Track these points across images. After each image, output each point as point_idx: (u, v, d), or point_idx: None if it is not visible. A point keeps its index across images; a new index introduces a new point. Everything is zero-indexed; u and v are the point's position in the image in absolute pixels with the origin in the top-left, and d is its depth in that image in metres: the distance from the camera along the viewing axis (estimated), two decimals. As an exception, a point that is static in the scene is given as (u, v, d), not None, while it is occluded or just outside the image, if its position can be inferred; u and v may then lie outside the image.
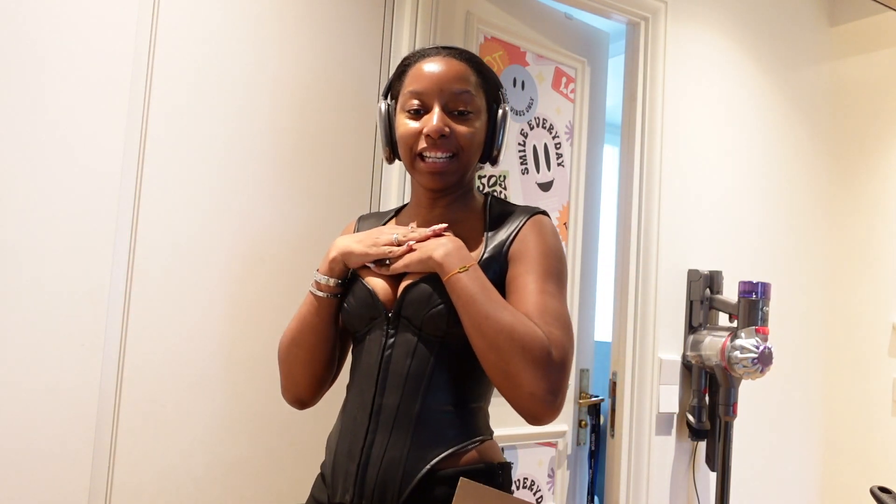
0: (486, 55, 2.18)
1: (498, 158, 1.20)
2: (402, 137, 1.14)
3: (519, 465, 2.22)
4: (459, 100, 1.13)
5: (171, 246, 1.63)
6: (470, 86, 1.14)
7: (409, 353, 1.09)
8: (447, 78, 1.13)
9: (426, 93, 1.12)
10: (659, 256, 2.40)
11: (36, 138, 1.48)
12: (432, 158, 1.11)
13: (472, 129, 1.13)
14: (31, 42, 1.48)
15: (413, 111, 1.13)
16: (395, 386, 1.08)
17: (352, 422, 1.11)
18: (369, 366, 1.11)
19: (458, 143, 1.12)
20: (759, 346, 2.18)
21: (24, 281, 1.46)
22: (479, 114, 1.15)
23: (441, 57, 1.15)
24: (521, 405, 1.00)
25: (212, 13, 1.69)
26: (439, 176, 1.12)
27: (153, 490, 1.59)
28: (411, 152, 1.13)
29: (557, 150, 2.36)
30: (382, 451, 1.06)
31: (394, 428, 1.06)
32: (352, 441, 1.09)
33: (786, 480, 2.77)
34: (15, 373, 1.45)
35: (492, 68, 1.21)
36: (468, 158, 1.14)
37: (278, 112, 1.77)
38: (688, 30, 2.54)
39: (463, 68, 1.15)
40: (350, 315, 1.16)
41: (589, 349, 2.44)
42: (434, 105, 1.12)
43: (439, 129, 1.10)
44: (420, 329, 1.09)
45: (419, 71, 1.14)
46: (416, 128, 1.12)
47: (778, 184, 2.79)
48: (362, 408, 1.10)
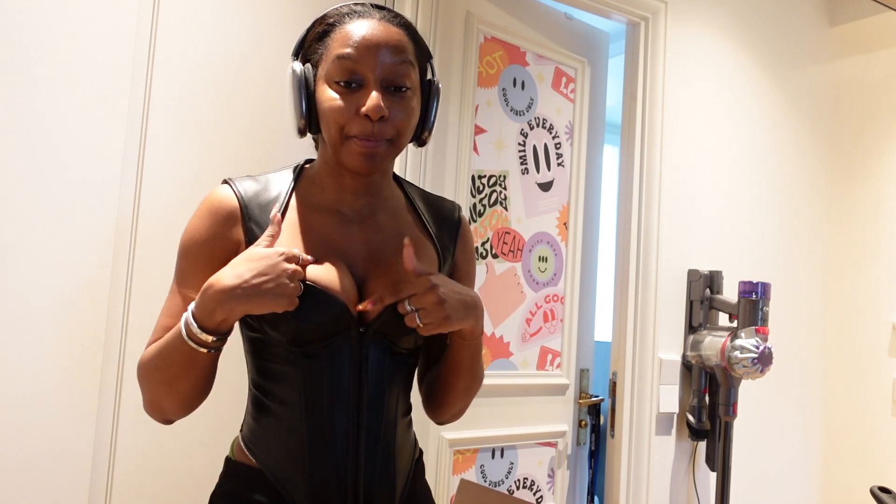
0: (485, 55, 2.18)
1: (427, 141, 1.07)
2: (329, 113, 0.97)
3: (519, 465, 2.22)
4: (398, 73, 0.97)
5: (171, 246, 1.62)
6: (409, 56, 0.99)
7: (383, 369, 1.02)
8: (386, 46, 0.97)
9: (360, 62, 0.96)
10: (659, 256, 2.40)
11: (36, 139, 1.48)
12: (368, 140, 0.96)
13: (409, 111, 0.99)
14: (31, 43, 1.48)
15: (343, 83, 0.96)
16: (375, 404, 1.01)
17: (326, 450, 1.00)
18: (339, 387, 0.99)
19: (395, 125, 0.98)
20: (759, 346, 2.18)
21: (25, 281, 1.46)
22: (416, 90, 1.01)
23: (376, 20, 0.99)
24: (443, 420, 1.16)
25: (211, 16, 1.69)
26: (372, 159, 0.97)
27: (153, 490, 1.59)
28: (341, 132, 0.97)
29: (557, 150, 2.36)
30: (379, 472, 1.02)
31: (383, 447, 1.02)
32: (338, 470, 0.99)
33: (786, 480, 2.77)
34: (15, 373, 1.45)
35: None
36: (402, 142, 1.01)
37: (278, 112, 1.77)
38: (688, 30, 2.54)
39: (401, 35, 0.99)
40: (303, 329, 0.97)
41: (589, 349, 2.44)
42: (370, 79, 0.96)
43: (379, 110, 0.94)
44: (393, 343, 1.02)
45: (349, 35, 0.97)
46: (347, 106, 0.96)
47: (778, 184, 2.79)
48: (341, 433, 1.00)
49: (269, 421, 1.03)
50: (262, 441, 1.03)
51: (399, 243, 1.04)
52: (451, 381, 1.09)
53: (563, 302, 2.35)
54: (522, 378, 2.22)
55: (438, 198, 1.17)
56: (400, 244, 1.04)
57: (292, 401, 1.01)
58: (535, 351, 2.27)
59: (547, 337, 2.31)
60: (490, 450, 2.14)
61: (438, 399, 1.12)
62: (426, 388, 1.15)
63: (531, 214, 2.28)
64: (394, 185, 1.12)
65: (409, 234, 1.07)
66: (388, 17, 1.00)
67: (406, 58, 0.98)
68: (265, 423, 1.03)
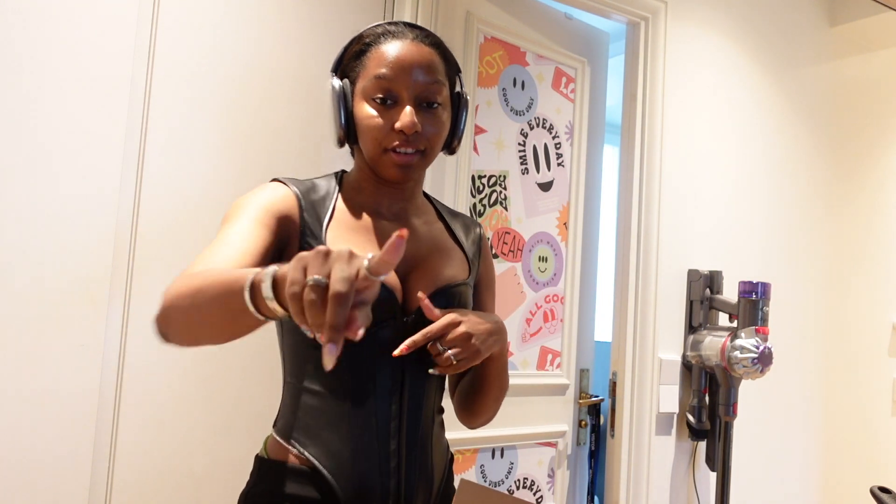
0: (485, 55, 2.18)
1: (457, 149, 1.17)
2: (368, 129, 1.06)
3: (519, 465, 2.22)
4: (430, 91, 1.06)
5: (172, 245, 1.63)
6: (439, 74, 1.08)
7: (420, 363, 1.07)
8: (418, 66, 1.05)
9: (395, 81, 1.04)
10: (659, 256, 2.40)
11: (36, 139, 1.48)
12: (402, 152, 1.05)
13: (440, 125, 1.08)
14: (31, 43, 1.48)
15: (379, 100, 1.05)
16: (415, 396, 1.08)
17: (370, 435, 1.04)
18: (383, 374, 1.05)
19: (427, 139, 1.06)
20: (759, 346, 2.18)
21: (24, 281, 1.46)
22: (446, 105, 1.10)
23: (409, 41, 1.07)
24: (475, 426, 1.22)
25: (211, 16, 1.69)
26: (407, 170, 1.06)
27: (153, 490, 1.59)
28: (379, 146, 1.06)
29: (557, 150, 2.36)
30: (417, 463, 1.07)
31: (421, 439, 1.09)
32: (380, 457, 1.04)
33: (786, 480, 2.77)
34: (15, 373, 1.45)
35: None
36: (434, 153, 1.10)
37: (279, 111, 1.77)
38: (688, 30, 2.54)
39: (432, 54, 1.08)
40: None
41: (589, 349, 2.44)
42: (405, 96, 1.05)
43: (413, 125, 1.03)
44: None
45: (385, 55, 1.05)
46: (384, 122, 1.04)
47: (778, 183, 2.79)
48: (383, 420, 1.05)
49: (313, 412, 1.05)
50: (307, 432, 1.05)
51: (433, 246, 1.15)
52: (481, 393, 1.17)
53: (563, 302, 2.35)
54: (522, 378, 2.22)
55: (461, 213, 1.27)
56: (434, 247, 1.15)
57: (336, 390, 1.04)
58: (535, 351, 2.27)
59: (547, 337, 2.31)
60: (490, 450, 2.14)
61: (471, 408, 1.19)
62: (458, 397, 1.22)
63: (531, 214, 2.28)
64: (423, 195, 1.22)
65: (441, 238, 1.17)
66: (420, 37, 1.08)
67: (437, 77, 1.06)
68: (309, 414, 1.05)
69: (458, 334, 1.01)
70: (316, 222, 1.06)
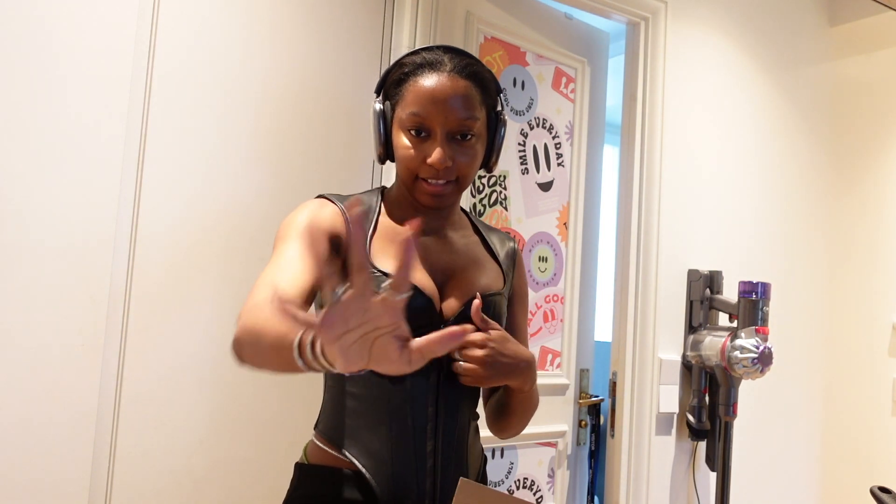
0: (485, 55, 2.18)
1: (494, 168, 1.21)
2: (403, 159, 1.11)
3: (519, 465, 2.22)
4: (463, 126, 1.09)
5: (171, 245, 1.63)
6: (474, 109, 1.10)
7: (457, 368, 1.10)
8: (452, 102, 1.08)
9: (429, 117, 1.08)
10: (659, 256, 2.40)
11: (36, 138, 1.48)
12: (434, 183, 1.10)
13: (472, 156, 1.12)
14: (31, 40, 1.48)
15: (414, 132, 1.10)
16: (451, 402, 1.11)
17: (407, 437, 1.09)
18: (420, 379, 1.09)
19: (460, 169, 1.11)
20: (759, 346, 2.18)
21: (25, 280, 1.46)
22: (481, 135, 1.13)
23: (446, 75, 1.09)
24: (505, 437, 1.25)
25: (212, 11, 1.69)
26: (439, 198, 1.12)
27: (153, 490, 1.59)
28: (412, 175, 1.11)
29: (557, 150, 2.36)
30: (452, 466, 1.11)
31: (455, 444, 1.12)
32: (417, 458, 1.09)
33: (786, 480, 2.77)
34: (15, 373, 1.45)
35: (491, 70, 1.18)
36: (468, 182, 1.15)
37: (279, 111, 1.77)
38: (688, 30, 2.54)
39: (468, 88, 1.10)
40: None
41: (589, 349, 2.44)
42: (438, 132, 1.08)
43: (443, 161, 1.07)
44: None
45: (422, 90, 1.08)
46: (417, 154, 1.09)
47: (778, 183, 2.79)
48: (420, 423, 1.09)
49: (354, 415, 1.10)
50: (348, 434, 1.10)
51: (469, 258, 1.19)
52: (505, 415, 1.22)
53: (563, 302, 2.35)
54: (522, 378, 2.21)
55: (495, 228, 1.32)
56: (470, 258, 1.19)
57: (377, 395, 1.09)
58: (535, 351, 2.27)
59: (547, 337, 2.31)
60: (490, 450, 2.14)
61: (497, 424, 1.25)
62: (487, 410, 1.27)
63: (531, 214, 2.28)
64: (461, 212, 1.27)
65: (477, 251, 1.21)
66: (457, 69, 1.09)
67: (471, 112, 1.09)
68: (350, 417, 1.10)
69: (478, 355, 1.06)
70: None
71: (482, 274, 1.18)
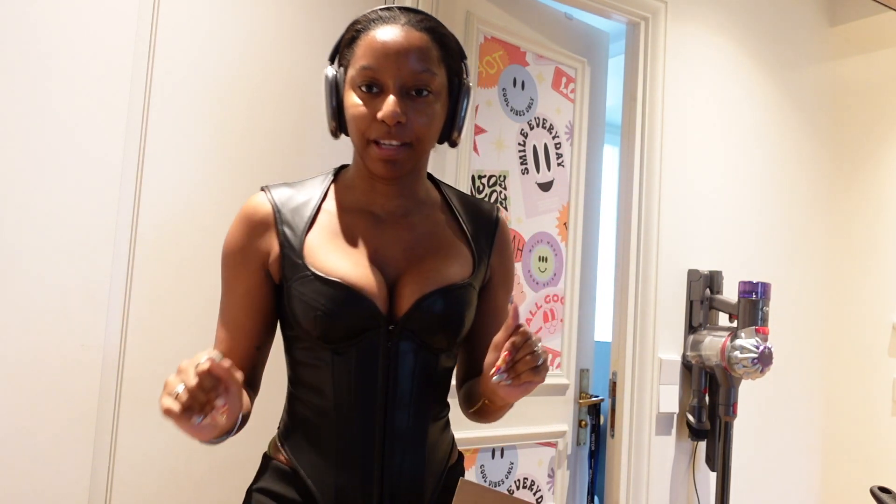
0: (485, 55, 2.18)
1: (458, 141, 1.08)
2: (352, 119, 1.00)
3: (519, 465, 2.22)
4: (419, 80, 0.98)
5: (172, 245, 1.63)
6: (431, 63, 1.00)
7: (414, 370, 1.02)
8: (406, 53, 0.98)
9: (381, 70, 0.97)
10: (659, 256, 2.40)
11: (36, 139, 1.48)
12: (386, 145, 0.98)
13: (430, 115, 1.00)
14: (31, 40, 1.48)
15: (365, 88, 0.99)
16: (403, 406, 1.02)
17: (354, 447, 1.02)
18: (367, 385, 1.01)
19: (414, 130, 0.99)
20: (759, 346, 2.18)
21: (24, 281, 1.46)
22: (440, 94, 1.02)
23: (400, 25, 0.99)
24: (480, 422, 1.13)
25: (211, 15, 1.69)
26: (392, 164, 0.99)
27: (153, 490, 1.59)
28: (363, 137, 0.99)
29: (557, 150, 2.36)
30: (403, 474, 1.02)
31: (408, 450, 1.03)
32: (363, 469, 1.01)
33: (786, 480, 2.77)
34: (15, 373, 1.45)
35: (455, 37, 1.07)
36: (424, 147, 1.02)
37: (279, 111, 1.77)
38: (688, 30, 2.54)
39: (424, 41, 0.99)
40: (329, 326, 0.99)
41: (589, 349, 2.44)
42: (389, 85, 0.98)
43: (394, 115, 0.96)
44: (424, 342, 1.03)
45: (373, 42, 0.98)
46: (368, 111, 0.98)
47: (778, 184, 2.79)
48: (366, 431, 1.01)
49: (302, 418, 1.06)
50: (295, 438, 1.06)
51: (432, 243, 1.07)
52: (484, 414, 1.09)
53: (563, 302, 2.35)
54: (522, 378, 2.21)
55: (477, 199, 1.17)
56: (433, 244, 1.07)
57: (323, 398, 1.03)
58: (535, 351, 2.27)
59: (547, 337, 2.31)
60: (490, 450, 2.14)
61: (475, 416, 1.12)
62: (463, 396, 1.16)
63: (531, 214, 2.28)
64: (429, 186, 1.13)
65: (443, 234, 1.08)
66: (412, 22, 1.00)
67: (428, 65, 0.99)
68: (298, 420, 1.07)
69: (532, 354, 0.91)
70: (294, 233, 1.03)
71: (445, 262, 1.05)
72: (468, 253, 1.09)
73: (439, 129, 1.04)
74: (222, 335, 1.09)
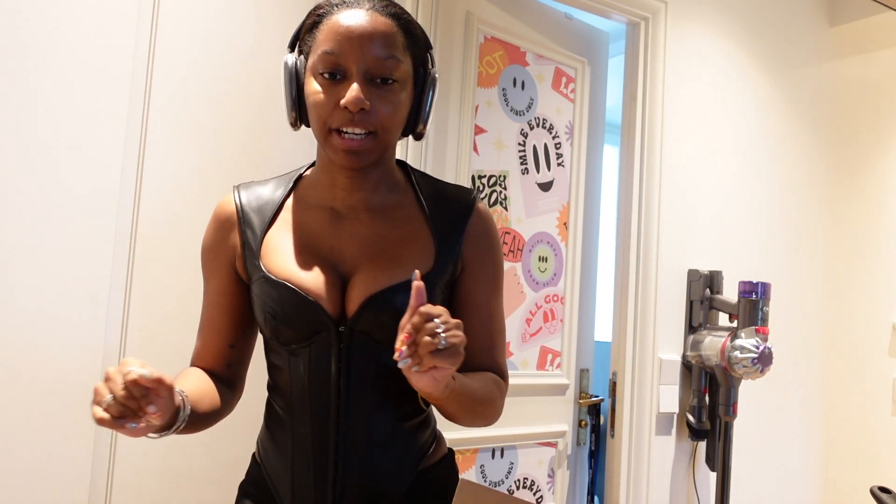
0: (486, 55, 2.18)
1: (423, 133, 1.03)
2: (313, 106, 0.95)
3: (519, 465, 2.22)
4: (383, 66, 0.94)
5: (172, 245, 1.63)
6: (396, 49, 0.95)
7: (368, 371, 0.98)
8: (370, 38, 0.93)
9: (343, 55, 0.93)
10: (659, 256, 2.40)
11: (36, 140, 1.48)
12: (349, 135, 0.93)
13: (395, 104, 0.95)
14: (31, 40, 1.48)
15: (327, 75, 0.94)
16: (359, 408, 0.98)
17: (307, 451, 0.99)
18: (320, 387, 0.98)
19: (378, 119, 0.94)
20: (759, 346, 2.18)
21: (24, 281, 1.46)
22: (405, 83, 0.97)
23: (364, 10, 0.95)
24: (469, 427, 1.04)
25: (211, 15, 1.69)
26: (355, 155, 0.94)
27: (153, 490, 1.59)
28: (324, 126, 0.95)
29: (557, 150, 2.36)
30: (358, 479, 0.98)
31: (366, 453, 0.99)
32: (317, 474, 0.99)
33: (786, 480, 2.77)
34: (15, 373, 1.45)
35: (420, 25, 1.03)
36: (389, 137, 0.97)
37: (280, 110, 1.77)
38: (688, 30, 2.54)
39: (389, 26, 0.95)
40: (279, 328, 0.98)
41: (589, 349, 2.44)
42: (353, 71, 0.93)
43: (358, 101, 0.91)
44: (380, 344, 0.97)
45: (336, 26, 0.94)
46: (330, 98, 0.93)
47: (778, 184, 2.79)
48: (321, 435, 0.98)
49: (269, 418, 1.07)
50: (264, 437, 1.07)
51: (392, 238, 1.01)
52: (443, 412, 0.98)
53: (563, 302, 2.35)
54: (522, 378, 2.22)
55: (455, 187, 1.09)
56: (392, 239, 1.01)
57: (283, 399, 1.03)
58: (535, 351, 2.27)
59: (547, 337, 2.31)
60: (490, 450, 2.14)
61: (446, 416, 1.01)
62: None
63: (531, 214, 2.28)
64: (398, 178, 1.07)
65: (404, 227, 1.02)
66: (377, 7, 0.96)
67: (392, 51, 0.95)
68: (268, 419, 1.07)
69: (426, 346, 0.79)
70: (254, 233, 1.02)
71: (399, 258, 0.99)
72: (430, 246, 1.01)
73: (404, 119, 0.99)
74: (200, 332, 1.11)
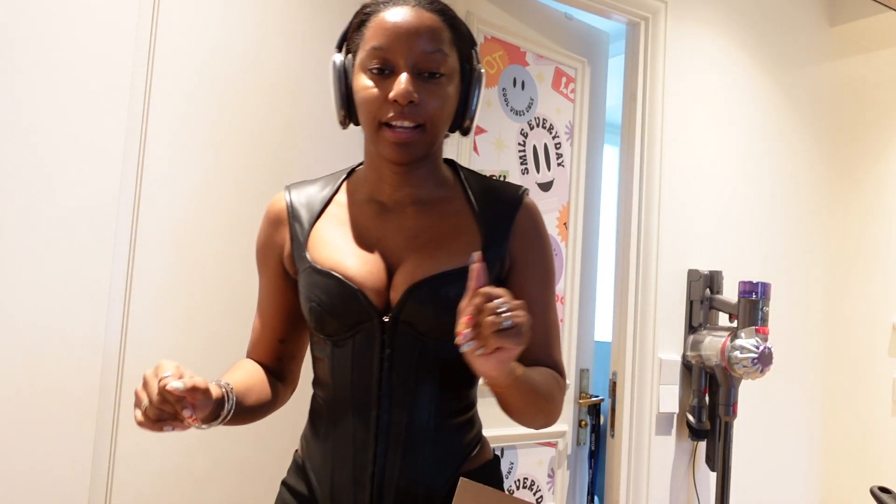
0: (486, 55, 2.18)
1: (471, 129, 1.05)
2: (363, 102, 0.97)
3: (519, 465, 2.22)
4: (431, 60, 0.96)
5: (171, 245, 1.63)
6: (443, 43, 0.97)
7: (412, 362, 0.98)
8: (417, 33, 0.96)
9: (392, 50, 0.96)
10: (659, 256, 2.40)
11: (35, 138, 1.48)
12: (399, 128, 0.95)
13: (443, 97, 0.97)
14: (30, 42, 1.48)
15: (376, 70, 0.96)
16: (401, 401, 0.98)
17: (348, 444, 1.00)
18: (362, 379, 0.98)
19: (427, 112, 0.96)
20: (759, 346, 2.18)
21: (25, 281, 1.46)
22: (452, 77, 0.99)
23: (409, 7, 0.98)
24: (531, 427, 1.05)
25: (212, 13, 1.69)
26: (405, 148, 0.97)
27: (153, 490, 1.59)
28: (374, 120, 0.97)
29: (557, 150, 2.36)
30: (397, 474, 0.98)
31: (407, 448, 0.98)
32: (355, 467, 0.99)
33: (786, 480, 2.77)
34: (15, 373, 1.45)
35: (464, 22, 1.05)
36: (437, 130, 0.99)
37: (279, 112, 1.77)
38: (688, 30, 2.54)
39: (435, 21, 0.98)
40: (323, 318, 0.99)
41: (589, 349, 2.44)
42: (401, 65, 0.96)
43: (407, 94, 0.93)
44: (424, 335, 0.98)
45: (383, 23, 0.97)
46: (380, 93, 0.96)
47: (778, 184, 2.79)
48: (361, 427, 0.99)
49: (313, 412, 1.08)
50: (307, 432, 1.08)
51: (438, 230, 1.02)
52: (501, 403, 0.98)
53: (563, 302, 2.35)
54: (522, 378, 2.21)
55: (503, 183, 1.10)
56: (439, 231, 1.02)
57: (326, 392, 1.04)
58: (535, 351, 2.27)
59: (547, 337, 2.31)
60: (490, 450, 2.14)
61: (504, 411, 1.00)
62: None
63: (531, 214, 2.28)
64: (446, 174, 1.09)
65: (451, 221, 1.03)
66: (423, 4, 0.99)
67: (439, 45, 0.97)
68: (311, 413, 1.08)
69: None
70: (302, 227, 1.06)
71: (443, 249, 1.00)
72: (477, 240, 1.02)
73: (452, 113, 1.01)
74: (254, 326, 1.15)
